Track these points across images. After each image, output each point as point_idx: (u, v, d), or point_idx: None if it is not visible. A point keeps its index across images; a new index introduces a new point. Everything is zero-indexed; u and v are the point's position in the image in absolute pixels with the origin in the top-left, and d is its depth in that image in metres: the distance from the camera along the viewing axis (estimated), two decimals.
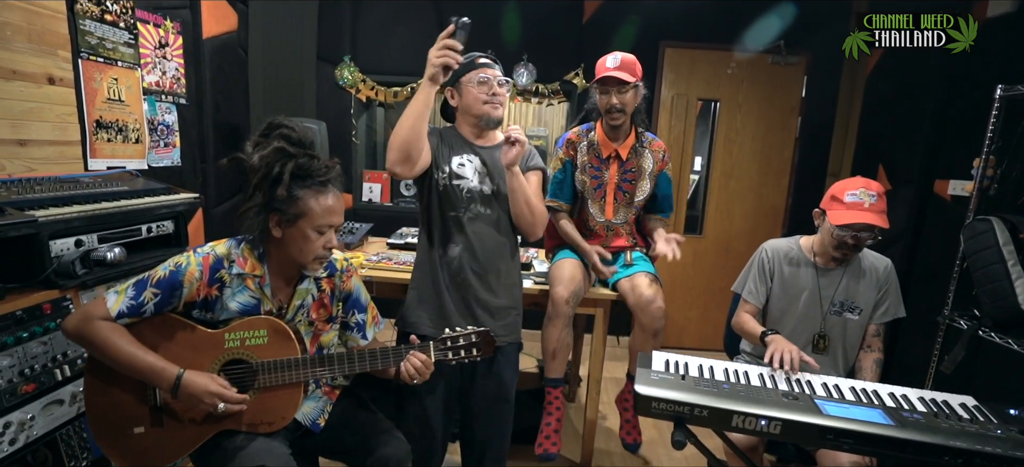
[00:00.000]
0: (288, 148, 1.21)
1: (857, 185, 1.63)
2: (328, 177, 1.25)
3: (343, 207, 1.31)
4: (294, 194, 1.21)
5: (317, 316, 1.38)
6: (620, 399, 2.15)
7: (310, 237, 1.24)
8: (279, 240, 1.25)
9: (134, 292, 1.19)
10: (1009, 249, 1.74)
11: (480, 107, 1.58)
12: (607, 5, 3.30)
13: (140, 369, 1.17)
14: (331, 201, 1.25)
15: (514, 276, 1.69)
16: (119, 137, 2.17)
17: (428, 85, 1.42)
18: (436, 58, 1.38)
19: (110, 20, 2.11)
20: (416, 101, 1.45)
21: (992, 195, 2.03)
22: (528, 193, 1.57)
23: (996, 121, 1.92)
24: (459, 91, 1.61)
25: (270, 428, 1.29)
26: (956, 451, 1.13)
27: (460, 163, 1.59)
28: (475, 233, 1.58)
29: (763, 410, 1.23)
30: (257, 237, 1.27)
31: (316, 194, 1.23)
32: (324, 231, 1.26)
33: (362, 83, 3.33)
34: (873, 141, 3.14)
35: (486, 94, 1.57)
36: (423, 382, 1.36)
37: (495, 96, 1.58)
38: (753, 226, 3.55)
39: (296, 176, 1.21)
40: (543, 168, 1.70)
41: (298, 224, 1.23)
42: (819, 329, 1.74)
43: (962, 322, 1.94)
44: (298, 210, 1.21)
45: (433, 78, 1.41)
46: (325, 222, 1.24)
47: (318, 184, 1.23)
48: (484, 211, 1.60)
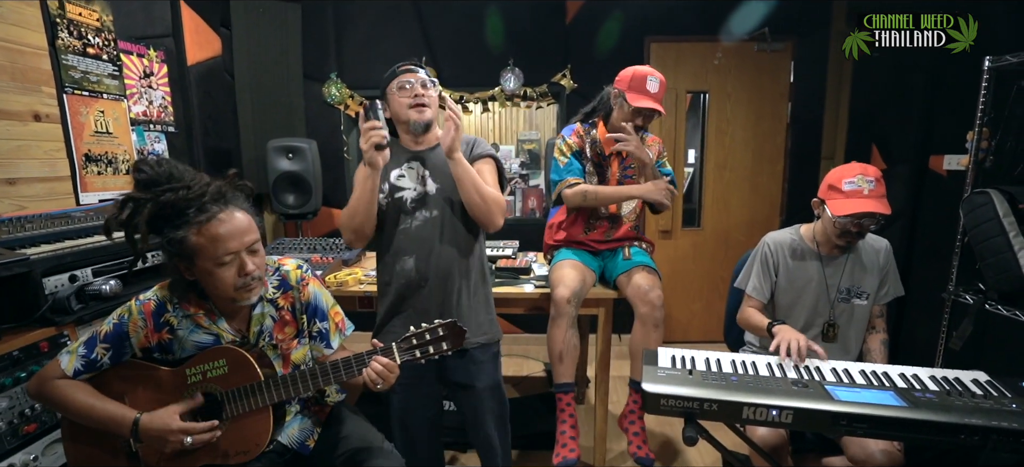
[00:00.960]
0: (140, 194, 1.12)
1: (854, 172, 1.61)
2: (202, 203, 1.13)
3: (244, 226, 1.18)
4: (173, 237, 1.12)
5: (283, 336, 1.33)
6: (624, 418, 2.03)
7: (215, 273, 1.15)
8: (200, 281, 1.18)
9: (85, 350, 1.19)
10: (1010, 220, 1.74)
11: (406, 112, 1.54)
12: (589, 4, 3.30)
13: (99, 420, 1.17)
14: (219, 229, 1.12)
15: (475, 274, 1.64)
16: (109, 169, 2.16)
17: (368, 170, 1.44)
18: (364, 144, 1.41)
19: (92, 53, 2.10)
20: (362, 188, 1.48)
21: (988, 167, 2.03)
22: (475, 180, 1.50)
23: (987, 93, 1.93)
24: (388, 102, 1.58)
25: (247, 457, 1.24)
26: (972, 428, 1.12)
27: (399, 175, 1.57)
28: (425, 239, 1.55)
29: (773, 400, 1.21)
30: (183, 287, 1.21)
31: (198, 228, 1.11)
32: (225, 262, 1.15)
33: (350, 99, 3.33)
34: (865, 122, 3.15)
35: (409, 98, 1.53)
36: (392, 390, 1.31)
37: (418, 97, 1.53)
38: (751, 216, 3.55)
39: (162, 218, 1.12)
40: (494, 156, 1.64)
41: (197, 264, 1.14)
42: (828, 318, 1.72)
43: (968, 297, 1.93)
44: (186, 251, 1.12)
45: (371, 163, 1.43)
46: (222, 252, 1.13)
47: (194, 217, 1.12)
48: (432, 214, 1.56)
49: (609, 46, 3.21)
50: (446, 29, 3.31)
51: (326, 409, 1.46)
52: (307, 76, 3.22)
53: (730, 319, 1.98)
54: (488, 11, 3.25)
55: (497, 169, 1.65)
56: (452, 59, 3.34)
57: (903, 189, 2.69)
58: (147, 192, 1.12)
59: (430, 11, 3.29)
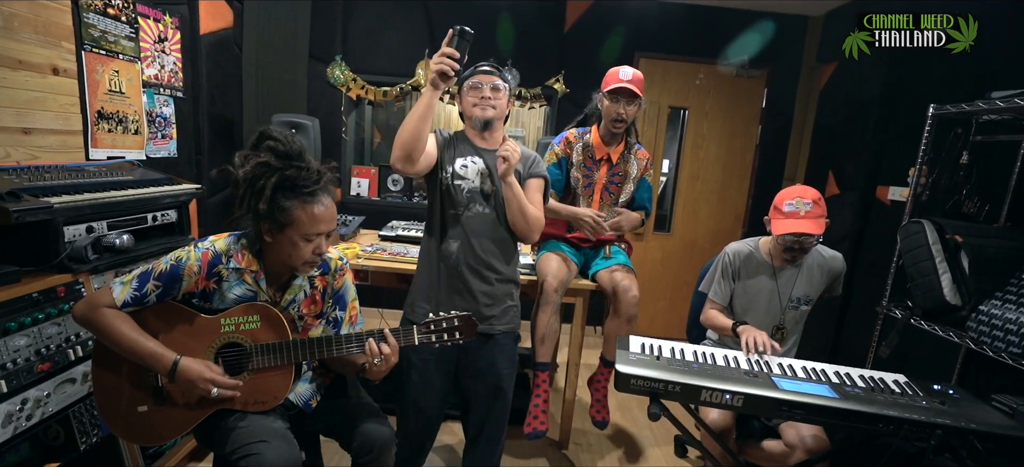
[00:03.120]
0: (273, 162, 1.24)
1: (793, 195, 1.80)
2: (316, 187, 1.27)
3: (334, 214, 1.33)
4: (281, 205, 1.24)
5: (307, 311, 1.44)
6: (592, 381, 2.30)
7: (298, 244, 1.28)
8: (271, 245, 1.31)
9: (138, 283, 1.26)
10: (937, 248, 1.97)
11: (470, 110, 1.69)
12: (588, 16, 3.49)
13: (141, 354, 1.25)
14: (319, 210, 1.27)
15: (510, 270, 1.77)
16: (119, 128, 2.22)
17: (429, 90, 1.51)
18: (434, 65, 1.47)
19: (112, 14, 2.16)
20: (419, 104, 1.54)
21: (924, 200, 2.29)
22: (522, 202, 1.62)
23: (929, 135, 2.18)
24: (460, 97, 1.74)
25: (263, 407, 1.35)
26: (888, 419, 1.34)
27: (463, 164, 1.69)
28: (472, 230, 1.67)
29: (728, 386, 1.41)
30: (253, 241, 1.35)
31: (303, 204, 1.25)
32: (312, 239, 1.29)
33: (353, 82, 3.43)
34: (824, 150, 3.44)
35: (475, 98, 1.68)
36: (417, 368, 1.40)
37: (484, 99, 1.67)
38: (717, 225, 3.81)
39: (282, 188, 1.24)
40: (545, 176, 1.79)
41: (286, 232, 1.26)
42: (778, 322, 1.93)
43: (897, 312, 2.16)
44: (286, 219, 1.25)
45: (433, 83, 1.48)
46: (313, 231, 1.27)
47: (306, 195, 1.26)
48: (483, 210, 1.68)
49: (602, 56, 3.41)
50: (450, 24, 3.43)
51: (331, 375, 1.58)
52: (312, 56, 3.31)
53: (693, 318, 2.20)
54: (494, 14, 3.40)
55: (545, 186, 1.79)
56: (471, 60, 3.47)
57: (852, 213, 2.97)
58: (280, 161, 1.24)
59: (436, 7, 3.42)
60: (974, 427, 1.30)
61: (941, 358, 2.24)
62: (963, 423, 1.31)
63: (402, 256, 2.23)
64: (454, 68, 1.47)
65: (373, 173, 3.60)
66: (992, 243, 1.93)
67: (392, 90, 3.47)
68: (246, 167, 1.24)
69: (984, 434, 1.29)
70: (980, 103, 1.92)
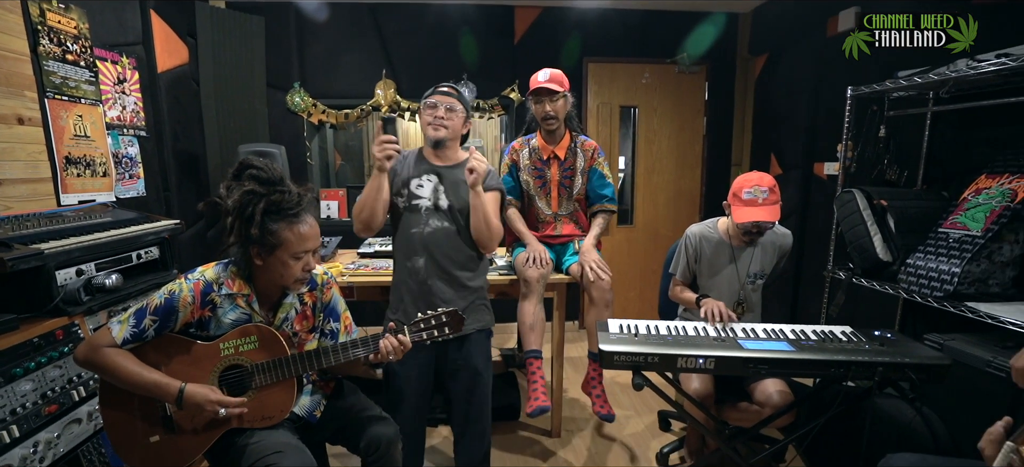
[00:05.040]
0: (258, 189, 1.31)
1: (751, 182, 1.94)
2: (299, 208, 1.35)
3: (318, 232, 1.41)
4: (269, 228, 1.30)
5: (301, 327, 1.51)
6: (586, 383, 2.36)
7: (288, 264, 1.35)
8: (261, 267, 1.37)
9: (135, 320, 1.30)
10: (867, 213, 2.21)
11: (425, 128, 1.83)
12: (534, 27, 3.68)
13: (147, 386, 1.29)
14: (305, 229, 1.35)
15: (477, 275, 1.90)
16: (87, 171, 2.22)
17: (376, 174, 1.69)
18: (377, 153, 1.66)
19: (71, 59, 2.16)
20: (370, 188, 1.71)
21: (853, 172, 2.56)
22: (487, 211, 1.76)
23: (850, 114, 2.44)
24: (420, 114, 1.86)
25: (271, 422, 1.41)
26: (838, 363, 1.53)
27: (418, 184, 1.81)
28: (435, 243, 1.79)
29: (700, 351, 1.57)
30: (243, 267, 1.40)
31: (290, 225, 1.33)
32: (301, 257, 1.36)
33: (313, 107, 3.47)
34: (765, 134, 3.73)
35: (431, 116, 1.80)
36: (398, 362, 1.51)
37: (438, 119, 1.79)
38: (675, 212, 4.06)
39: (269, 212, 1.30)
40: (501, 189, 1.93)
41: (276, 254, 1.33)
42: (738, 297, 2.11)
43: (841, 274, 2.39)
44: (274, 241, 1.32)
45: (379, 168, 1.68)
46: (301, 249, 1.35)
47: (291, 216, 1.33)
48: (441, 224, 1.80)
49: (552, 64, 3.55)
50: (404, 43, 3.55)
51: (331, 385, 1.64)
52: (270, 84, 3.33)
53: (664, 298, 2.37)
54: (453, 33, 3.55)
55: (501, 198, 1.93)
56: (410, 71, 3.58)
57: (796, 190, 3.25)
58: (264, 188, 1.32)
59: (389, 27, 3.51)
60: (908, 361, 1.51)
61: (884, 310, 2.50)
62: (900, 359, 1.51)
63: (385, 270, 2.31)
64: (397, 151, 1.68)
65: (341, 195, 3.64)
66: (912, 204, 2.19)
67: (353, 112, 3.54)
68: (234, 197, 1.30)
69: (917, 366, 1.50)
70: (888, 83, 2.18)
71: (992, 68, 1.77)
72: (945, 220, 2.02)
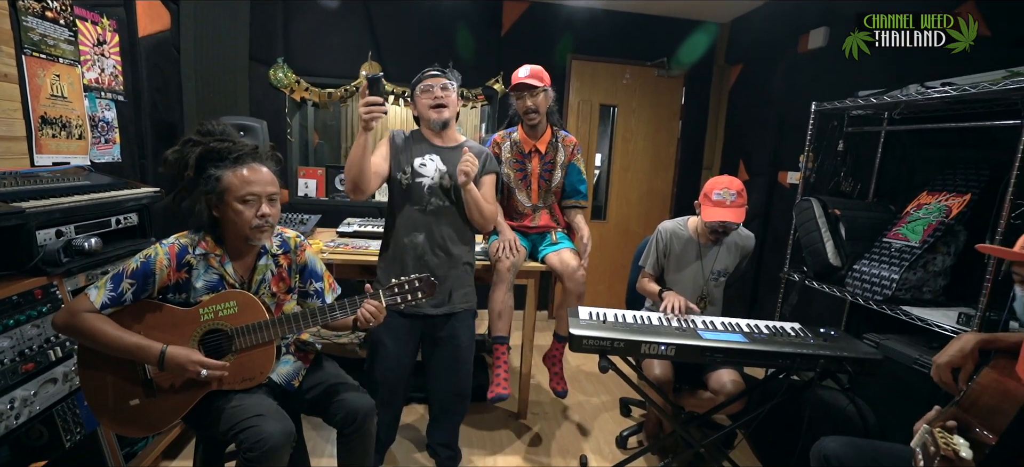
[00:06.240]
0: (196, 138, 1.39)
1: (721, 185, 2.07)
2: (239, 153, 1.40)
3: (269, 179, 1.43)
4: (212, 174, 1.36)
5: (277, 289, 1.55)
6: (547, 357, 2.51)
7: (239, 210, 1.38)
8: (222, 221, 1.42)
9: (112, 285, 1.32)
10: (822, 220, 2.38)
11: (427, 112, 1.87)
12: (522, 21, 3.74)
13: (127, 349, 1.32)
14: (246, 173, 1.39)
15: (468, 253, 2.00)
16: (63, 133, 2.19)
17: (362, 133, 1.69)
18: (363, 115, 1.61)
19: (50, 17, 2.12)
20: (356, 147, 1.71)
21: (812, 182, 2.73)
22: (479, 201, 1.86)
23: (813, 128, 2.61)
24: (414, 102, 1.92)
25: (251, 384, 1.45)
26: (786, 355, 1.67)
27: (421, 163, 1.87)
28: (436, 221, 1.88)
29: (662, 339, 1.69)
30: (206, 223, 1.43)
31: (231, 169, 1.38)
32: (249, 200, 1.39)
33: (296, 84, 3.45)
34: (735, 141, 3.90)
35: (430, 99, 1.86)
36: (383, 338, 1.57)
37: (437, 98, 1.85)
38: (647, 210, 4.20)
39: (209, 158, 1.37)
40: (498, 171, 2.01)
41: (225, 199, 1.38)
42: (701, 293, 2.24)
43: (795, 276, 2.57)
44: (220, 187, 1.37)
45: (365, 127, 1.65)
46: (246, 192, 1.38)
47: (232, 161, 1.39)
48: (443, 203, 1.89)
49: (537, 59, 3.62)
50: (392, 27, 3.56)
51: (310, 355, 1.68)
52: (253, 58, 3.29)
53: (631, 291, 2.50)
54: (441, 21, 3.58)
55: (496, 180, 2.00)
56: (397, 56, 3.60)
57: (761, 195, 3.43)
58: (203, 137, 1.39)
59: (377, 9, 3.52)
60: (847, 355, 1.66)
61: (833, 310, 2.69)
62: (839, 353, 1.66)
63: (364, 250, 2.36)
64: (384, 112, 1.63)
65: (320, 174, 3.64)
66: (862, 215, 2.36)
67: (336, 92, 3.54)
68: (174, 148, 1.40)
69: (854, 360, 1.65)
70: (848, 101, 2.34)
71: (937, 95, 1.94)
72: (889, 231, 2.20)
